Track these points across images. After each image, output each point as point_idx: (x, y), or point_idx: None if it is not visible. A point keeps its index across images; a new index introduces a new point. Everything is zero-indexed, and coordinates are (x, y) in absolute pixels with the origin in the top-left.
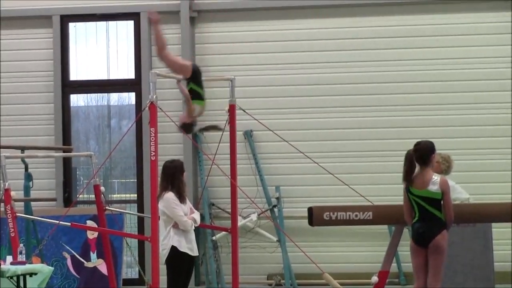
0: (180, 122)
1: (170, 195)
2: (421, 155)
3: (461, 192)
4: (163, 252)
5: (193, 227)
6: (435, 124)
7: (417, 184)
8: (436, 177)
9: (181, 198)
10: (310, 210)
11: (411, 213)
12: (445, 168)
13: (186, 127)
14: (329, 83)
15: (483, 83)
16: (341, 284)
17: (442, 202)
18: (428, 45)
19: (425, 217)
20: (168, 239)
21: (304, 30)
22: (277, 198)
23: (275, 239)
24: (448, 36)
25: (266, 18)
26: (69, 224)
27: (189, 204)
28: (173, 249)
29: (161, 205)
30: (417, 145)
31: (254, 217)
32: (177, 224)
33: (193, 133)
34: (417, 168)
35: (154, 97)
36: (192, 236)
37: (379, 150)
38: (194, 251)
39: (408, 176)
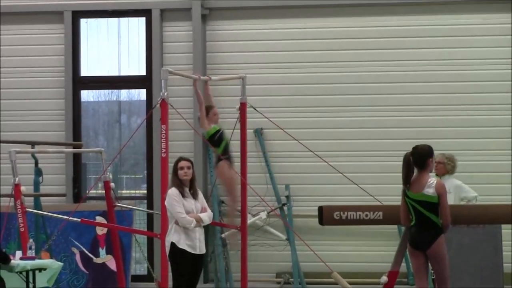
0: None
1: (171, 191)
2: (418, 159)
3: (468, 191)
4: (166, 249)
5: (200, 226)
6: (443, 125)
7: (414, 187)
8: (432, 180)
9: (184, 194)
10: (320, 209)
11: (408, 216)
12: (450, 168)
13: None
14: (339, 82)
15: (488, 84)
16: (350, 283)
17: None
18: (436, 45)
19: (421, 221)
20: (169, 235)
21: (316, 29)
22: (287, 197)
23: (284, 237)
24: (451, 37)
25: (278, 17)
26: (79, 220)
27: (202, 202)
28: (172, 245)
29: (165, 201)
30: (415, 148)
31: (263, 215)
32: None
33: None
34: (415, 172)
35: (166, 94)
36: (195, 233)
37: (389, 150)
38: (196, 249)
39: (407, 179)
